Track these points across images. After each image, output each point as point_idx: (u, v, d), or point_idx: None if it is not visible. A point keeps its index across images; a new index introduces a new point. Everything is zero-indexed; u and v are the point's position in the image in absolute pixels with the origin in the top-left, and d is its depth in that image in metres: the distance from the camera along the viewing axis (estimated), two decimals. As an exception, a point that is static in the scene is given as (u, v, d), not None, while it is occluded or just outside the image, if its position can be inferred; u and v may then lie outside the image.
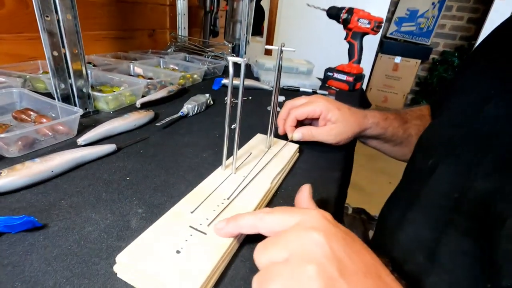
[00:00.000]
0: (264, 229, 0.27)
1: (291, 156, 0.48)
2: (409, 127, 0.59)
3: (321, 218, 0.26)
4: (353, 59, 1.03)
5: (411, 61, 3.14)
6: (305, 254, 0.22)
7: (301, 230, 0.24)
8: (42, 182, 0.38)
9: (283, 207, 0.29)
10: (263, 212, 0.28)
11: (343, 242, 0.24)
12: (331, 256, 0.22)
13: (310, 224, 0.25)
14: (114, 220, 0.33)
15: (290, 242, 0.24)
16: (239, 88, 0.36)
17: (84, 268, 0.27)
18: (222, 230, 0.29)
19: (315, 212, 0.26)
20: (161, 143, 0.52)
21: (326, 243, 0.23)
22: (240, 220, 0.28)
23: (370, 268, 0.23)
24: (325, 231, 0.24)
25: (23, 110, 0.52)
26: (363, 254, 0.24)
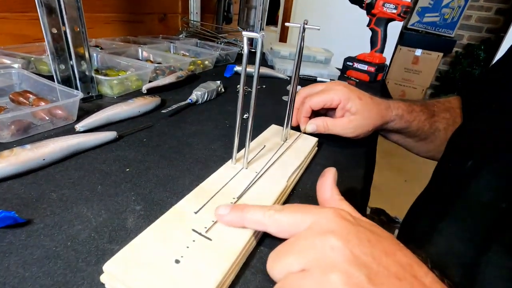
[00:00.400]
0: (272, 228, 0.24)
1: (309, 151, 0.43)
2: (436, 121, 0.52)
3: (337, 218, 0.22)
4: (375, 48, 0.95)
5: (433, 54, 2.99)
6: (324, 263, 0.20)
7: (315, 235, 0.21)
8: (32, 171, 0.34)
9: (295, 205, 0.25)
10: (273, 209, 0.25)
11: (367, 243, 0.20)
12: (354, 261, 0.19)
13: (325, 226, 0.22)
14: (108, 218, 0.29)
15: (305, 249, 0.21)
16: (255, 69, 0.31)
17: (68, 275, 0.23)
18: (223, 217, 0.26)
19: (330, 211, 0.23)
20: (167, 132, 0.47)
21: (346, 247, 0.20)
22: (246, 212, 0.25)
23: (404, 269, 0.20)
24: (343, 233, 0.21)
25: (21, 93, 0.48)
26: (394, 253, 0.21)
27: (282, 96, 0.71)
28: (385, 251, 0.20)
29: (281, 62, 0.94)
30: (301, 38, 0.37)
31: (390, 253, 0.20)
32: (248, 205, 0.26)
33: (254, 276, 0.25)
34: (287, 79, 0.86)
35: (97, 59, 0.71)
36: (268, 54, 1.08)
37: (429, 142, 0.55)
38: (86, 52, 0.52)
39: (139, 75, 0.63)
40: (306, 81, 0.88)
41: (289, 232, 0.24)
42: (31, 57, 0.67)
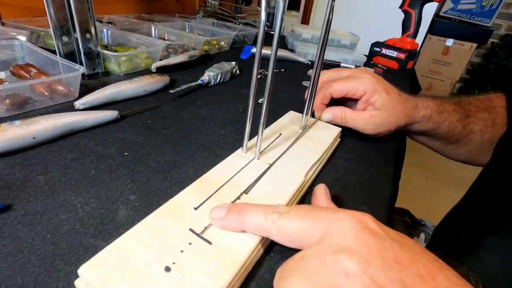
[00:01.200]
0: (276, 236, 0.20)
1: (331, 142, 0.37)
2: (471, 122, 0.45)
3: (355, 229, 0.17)
4: (408, 32, 0.87)
5: (466, 44, 2.78)
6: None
7: (327, 253, 0.17)
8: (22, 150, 0.31)
9: (305, 207, 0.21)
10: (278, 212, 0.20)
11: (395, 265, 0.16)
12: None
13: (339, 242, 0.17)
14: (97, 208, 0.25)
15: (313, 271, 0.17)
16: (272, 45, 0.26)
17: (40, 275, 0.19)
18: (219, 221, 0.22)
19: (348, 218, 0.18)
20: (174, 114, 0.43)
21: (365, 274, 0.15)
22: (245, 215, 0.21)
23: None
24: (361, 252, 0.16)
25: (23, 66, 0.45)
26: (432, 277, 0.15)
27: (302, 82, 0.65)
28: (421, 274, 0.16)
29: (303, 46, 0.87)
30: (330, 7, 0.31)
31: (427, 277, 0.16)
32: (247, 206, 0.22)
33: (261, 289, 0.21)
34: (308, 63, 0.80)
35: (107, 35, 0.68)
36: (288, 36, 1.01)
37: (461, 146, 0.48)
38: (91, 25, 0.48)
39: (149, 52, 0.59)
40: (328, 66, 0.81)
41: (297, 243, 0.20)
42: (41, 31, 0.64)
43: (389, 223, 0.30)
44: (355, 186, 0.33)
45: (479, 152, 0.48)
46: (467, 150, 0.48)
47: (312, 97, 0.38)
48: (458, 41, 2.84)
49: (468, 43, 2.81)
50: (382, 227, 0.18)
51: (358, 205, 0.30)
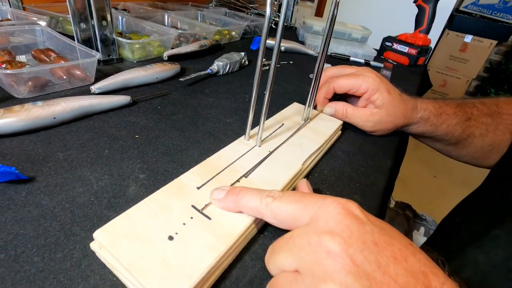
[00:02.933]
0: (269, 218, 0.22)
1: (331, 134, 0.39)
2: (472, 125, 0.45)
3: (340, 214, 0.19)
4: (420, 27, 0.86)
5: (485, 41, 2.69)
6: (318, 270, 0.17)
7: (313, 234, 0.19)
8: (43, 129, 0.33)
9: (297, 193, 0.23)
10: (272, 196, 0.22)
11: (373, 247, 0.18)
12: (354, 271, 0.16)
13: (324, 225, 0.19)
14: (110, 183, 0.28)
15: (299, 249, 0.19)
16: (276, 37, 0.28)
17: (60, 238, 0.22)
18: (219, 202, 0.24)
19: (334, 204, 0.20)
20: (182, 101, 0.45)
21: (345, 254, 0.17)
22: (242, 198, 0.23)
23: (416, 278, 0.17)
24: (343, 234, 0.18)
25: (43, 50, 0.48)
26: (405, 259, 0.17)
27: (309, 74, 0.66)
28: (395, 256, 0.17)
29: (313, 38, 0.87)
30: (335, 3, 0.32)
31: (401, 258, 0.17)
32: (245, 189, 0.24)
33: (253, 262, 0.23)
34: (317, 56, 0.80)
35: (122, 22, 0.70)
36: (299, 28, 1.01)
37: (461, 148, 0.48)
38: (108, 12, 0.50)
39: (161, 40, 0.61)
40: (338, 60, 0.82)
41: (287, 225, 0.22)
42: (60, 17, 0.67)
43: (380, 213, 0.32)
44: (351, 177, 0.35)
45: (480, 155, 0.48)
46: (467, 152, 0.49)
47: (315, 90, 0.39)
48: (477, 37, 2.75)
49: (488, 40, 2.72)
50: (365, 214, 0.20)
51: (352, 194, 0.32)
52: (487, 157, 0.47)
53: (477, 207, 0.40)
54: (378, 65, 0.81)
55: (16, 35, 0.51)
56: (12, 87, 0.38)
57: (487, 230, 0.32)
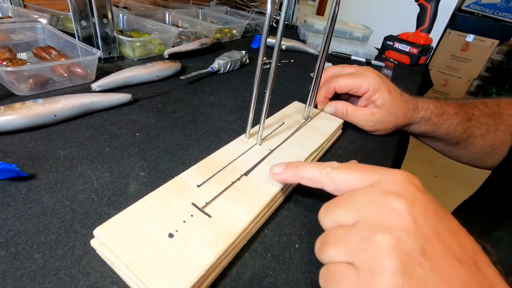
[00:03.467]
0: (329, 186, 0.22)
1: (332, 133, 0.39)
2: (472, 126, 0.45)
3: (406, 181, 0.20)
4: (422, 27, 0.85)
5: (487, 41, 2.68)
6: (378, 222, 0.18)
7: (377, 193, 0.19)
8: (44, 126, 0.33)
9: (355, 164, 0.23)
10: (330, 166, 0.23)
11: (434, 215, 0.18)
12: (413, 229, 0.17)
13: (389, 187, 0.19)
14: (110, 181, 0.28)
15: (360, 204, 0.19)
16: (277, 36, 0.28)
17: (61, 235, 0.22)
18: (279, 175, 0.26)
19: (399, 173, 0.20)
20: (183, 99, 0.45)
21: (408, 212, 0.17)
22: (301, 170, 0.24)
23: (467, 253, 0.17)
24: (409, 198, 0.18)
25: (44, 48, 0.48)
26: (459, 235, 0.18)
27: (310, 73, 0.66)
28: (451, 229, 0.18)
29: (314, 37, 0.87)
30: (336, 1, 0.32)
31: (456, 233, 0.18)
32: (303, 163, 0.25)
33: (253, 260, 0.23)
34: (318, 55, 0.80)
35: (123, 20, 0.70)
36: (301, 27, 1.01)
37: (461, 148, 0.48)
38: (108, 10, 0.50)
39: (162, 38, 0.61)
40: (339, 59, 0.81)
41: (345, 192, 0.22)
42: (60, 14, 0.67)
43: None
44: (351, 175, 0.35)
45: (480, 156, 0.48)
46: (467, 153, 0.48)
47: (316, 89, 0.39)
48: (479, 37, 2.74)
49: (490, 39, 2.71)
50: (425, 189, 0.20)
51: (352, 193, 0.32)
52: (487, 158, 0.47)
53: (478, 209, 0.39)
54: (379, 64, 0.81)
55: (17, 32, 0.51)
56: (13, 85, 0.38)
57: (489, 231, 0.32)
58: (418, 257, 0.16)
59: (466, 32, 2.75)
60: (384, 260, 0.16)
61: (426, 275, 0.16)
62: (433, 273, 0.16)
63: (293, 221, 0.27)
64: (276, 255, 0.24)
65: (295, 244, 0.25)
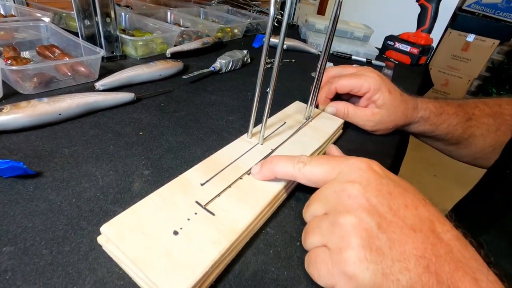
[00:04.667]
0: (302, 180, 0.26)
1: (332, 132, 0.39)
2: (472, 126, 0.45)
3: (362, 169, 0.23)
4: (423, 27, 0.86)
5: (487, 41, 2.68)
6: (341, 207, 0.21)
7: (337, 184, 0.22)
8: (49, 125, 0.34)
9: (323, 156, 0.26)
10: (301, 161, 0.26)
11: (387, 195, 0.21)
12: (368, 208, 0.20)
13: (348, 177, 0.22)
14: (115, 179, 0.28)
15: (327, 197, 0.23)
16: (280, 36, 0.28)
17: (68, 231, 0.23)
18: (257, 174, 0.28)
19: (357, 161, 0.23)
20: (185, 98, 0.46)
21: (361, 195, 0.21)
22: (276, 166, 0.27)
23: (423, 222, 0.20)
24: (362, 183, 0.21)
25: (48, 46, 0.49)
26: (415, 207, 0.21)
27: (311, 73, 0.66)
28: (406, 204, 0.20)
29: (315, 36, 0.87)
30: (338, 3, 0.33)
31: (411, 206, 0.20)
32: (276, 157, 0.27)
33: (255, 257, 0.23)
34: (319, 54, 0.80)
35: (125, 19, 0.70)
36: (302, 26, 1.01)
37: (461, 148, 0.48)
38: (111, 10, 0.50)
39: (164, 38, 0.61)
40: (340, 58, 0.82)
41: (319, 184, 0.25)
42: (63, 13, 0.67)
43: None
44: (352, 174, 0.35)
45: (481, 155, 0.48)
46: (468, 152, 0.49)
47: (317, 89, 0.40)
48: (479, 36, 2.74)
49: (490, 39, 2.71)
50: (385, 171, 0.23)
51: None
52: (488, 158, 0.48)
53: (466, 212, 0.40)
54: (380, 64, 0.81)
55: (20, 31, 0.52)
56: (18, 83, 0.38)
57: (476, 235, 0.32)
58: (375, 232, 0.19)
59: (467, 32, 2.75)
60: (348, 238, 0.19)
61: (383, 246, 0.18)
62: (389, 244, 0.18)
63: (295, 219, 0.28)
64: (278, 252, 0.24)
65: (296, 242, 0.25)
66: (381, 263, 0.18)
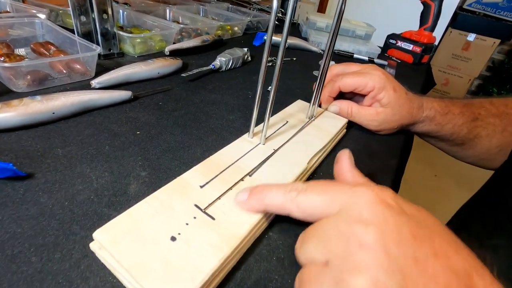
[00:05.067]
0: (296, 213, 0.21)
1: (336, 132, 0.38)
2: (478, 126, 0.44)
3: (374, 203, 0.18)
4: (425, 25, 0.85)
5: (488, 40, 2.67)
6: (349, 261, 0.16)
7: (343, 223, 0.17)
8: (42, 124, 0.33)
9: (322, 182, 0.21)
10: (296, 189, 0.21)
11: (411, 240, 0.16)
12: (388, 265, 0.15)
13: (356, 214, 0.17)
14: (110, 181, 0.27)
15: (330, 240, 0.17)
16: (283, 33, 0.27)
17: (59, 237, 0.21)
18: (243, 204, 0.23)
19: (367, 192, 0.18)
20: (184, 97, 0.44)
21: (379, 246, 0.16)
22: (266, 196, 0.22)
23: (458, 279, 0.15)
24: (378, 224, 0.16)
25: (43, 43, 0.47)
26: (447, 256, 0.16)
27: (313, 71, 0.65)
28: (435, 252, 0.16)
29: (316, 34, 0.86)
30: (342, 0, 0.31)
31: (442, 255, 0.16)
32: (267, 187, 0.22)
33: (258, 264, 0.22)
34: (320, 53, 0.79)
35: (123, 16, 0.69)
36: (302, 25, 1.00)
37: (466, 148, 0.47)
38: (108, 6, 0.49)
39: (163, 35, 0.60)
40: (341, 57, 0.80)
41: (316, 218, 0.20)
42: (59, 10, 0.66)
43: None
44: (357, 176, 0.34)
45: (486, 156, 0.47)
46: (473, 153, 0.48)
47: (320, 88, 0.38)
48: (480, 36, 2.73)
49: (491, 38, 2.70)
50: (401, 203, 0.18)
51: (358, 194, 0.31)
52: (494, 159, 0.47)
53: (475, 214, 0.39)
54: (382, 62, 0.80)
55: (15, 27, 0.50)
56: (11, 81, 0.37)
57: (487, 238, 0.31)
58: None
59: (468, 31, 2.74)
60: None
61: None
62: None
63: (299, 223, 0.26)
64: (281, 259, 0.23)
65: (300, 247, 0.24)
66: None
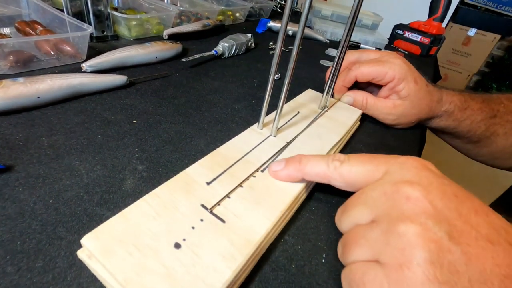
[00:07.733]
0: (338, 182, 0.21)
1: (351, 124, 0.35)
2: (496, 123, 0.42)
3: (417, 168, 0.18)
4: (435, 15, 0.81)
5: (488, 35, 2.66)
6: (396, 212, 0.17)
7: (389, 184, 0.18)
8: (25, 110, 0.29)
9: (364, 154, 0.21)
10: (337, 159, 0.21)
11: (453, 197, 0.17)
12: (434, 215, 0.16)
13: (401, 176, 0.18)
14: (103, 175, 0.24)
15: (374, 201, 0.18)
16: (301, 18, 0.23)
17: (41, 241, 0.18)
18: (279, 173, 0.23)
19: (409, 159, 0.19)
20: (185, 84, 0.41)
21: (424, 197, 0.16)
22: (305, 164, 0.22)
23: (499, 233, 0.15)
24: (423, 183, 0.17)
25: (29, 22, 0.43)
26: (486, 214, 0.16)
27: (320, 60, 0.62)
28: (476, 209, 0.16)
29: (321, 23, 0.82)
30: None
31: (482, 212, 0.16)
32: (306, 156, 0.23)
33: (275, 273, 0.19)
34: (326, 42, 0.76)
35: (118, -3, 0.64)
36: (306, 13, 0.96)
37: (481, 146, 0.44)
38: (102, -18, 0.44)
39: (161, 18, 0.56)
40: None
41: (358, 187, 0.20)
42: (48, -11, 0.61)
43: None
44: (375, 172, 0.31)
45: (501, 155, 0.45)
46: (488, 151, 0.45)
47: (335, 78, 0.35)
48: (480, 31, 2.71)
49: (492, 34, 2.68)
50: (440, 173, 0.19)
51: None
52: (508, 158, 0.44)
53: None
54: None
55: (-2, 5, 0.46)
56: (-9, 62, 0.33)
57: None
58: (446, 243, 0.15)
59: (468, 26, 2.72)
60: (412, 251, 0.15)
61: (458, 261, 0.14)
62: (465, 259, 0.14)
63: (317, 224, 0.23)
64: (301, 267, 0.20)
65: (322, 253, 0.21)
66: (456, 285, 0.14)
